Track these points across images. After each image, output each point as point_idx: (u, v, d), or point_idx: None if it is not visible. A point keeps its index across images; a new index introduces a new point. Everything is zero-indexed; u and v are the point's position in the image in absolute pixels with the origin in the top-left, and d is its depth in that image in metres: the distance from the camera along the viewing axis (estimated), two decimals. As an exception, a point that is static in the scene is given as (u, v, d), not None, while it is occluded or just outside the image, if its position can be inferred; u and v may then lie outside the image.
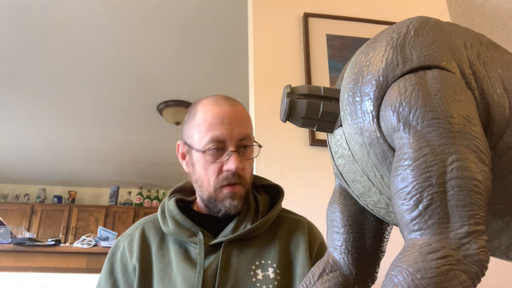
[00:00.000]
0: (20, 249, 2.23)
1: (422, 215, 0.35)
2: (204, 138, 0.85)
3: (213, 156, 0.85)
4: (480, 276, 0.33)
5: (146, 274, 0.86)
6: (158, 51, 2.80)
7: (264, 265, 0.85)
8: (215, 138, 0.84)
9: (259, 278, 0.83)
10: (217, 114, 0.86)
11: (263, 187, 1.00)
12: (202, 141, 0.86)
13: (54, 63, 2.93)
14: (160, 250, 0.88)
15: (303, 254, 0.87)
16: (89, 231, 5.14)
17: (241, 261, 0.84)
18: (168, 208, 0.92)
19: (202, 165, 0.87)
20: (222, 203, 0.87)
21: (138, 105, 3.51)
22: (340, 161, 0.49)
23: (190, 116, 0.91)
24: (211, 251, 0.85)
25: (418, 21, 0.47)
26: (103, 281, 0.88)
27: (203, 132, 0.86)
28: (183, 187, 1.00)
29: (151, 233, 0.91)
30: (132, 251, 0.88)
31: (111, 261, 0.90)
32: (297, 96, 0.49)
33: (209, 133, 0.85)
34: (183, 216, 0.88)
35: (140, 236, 0.90)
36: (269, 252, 0.87)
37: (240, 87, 2.90)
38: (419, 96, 0.39)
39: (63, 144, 4.35)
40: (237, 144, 0.86)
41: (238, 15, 2.38)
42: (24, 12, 2.42)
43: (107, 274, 0.89)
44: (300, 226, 0.93)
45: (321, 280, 0.52)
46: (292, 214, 0.98)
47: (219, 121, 0.85)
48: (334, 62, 1.62)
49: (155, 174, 5.25)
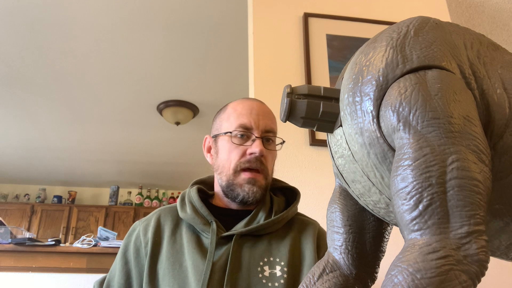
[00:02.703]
0: (20, 249, 2.23)
1: (422, 215, 0.35)
2: (233, 125, 0.91)
3: (239, 140, 0.91)
4: (480, 276, 0.33)
5: (155, 258, 0.88)
6: (158, 51, 2.80)
7: (272, 263, 0.86)
8: (243, 124, 0.90)
9: (265, 274, 0.84)
10: (247, 106, 0.94)
11: (280, 190, 1.02)
12: (231, 127, 0.92)
13: (54, 63, 2.93)
14: (173, 236, 0.90)
15: (311, 256, 0.88)
16: (89, 231, 5.14)
17: (250, 256, 0.86)
18: (188, 194, 0.95)
19: (227, 149, 0.92)
20: (241, 188, 0.90)
21: (138, 105, 3.51)
22: (340, 161, 0.49)
23: (221, 113, 0.98)
24: (223, 243, 0.87)
25: (418, 21, 0.47)
26: (118, 259, 0.92)
27: (232, 120, 0.92)
28: (205, 180, 1.03)
29: (167, 219, 0.93)
30: (146, 235, 0.91)
31: (126, 242, 0.94)
32: (297, 96, 0.49)
33: (238, 121, 0.91)
34: (201, 204, 0.91)
35: (156, 221, 0.93)
36: (278, 250, 0.88)
37: (240, 87, 2.91)
38: (419, 96, 0.39)
39: (63, 144, 4.35)
40: (262, 134, 0.91)
41: (238, 15, 2.38)
42: (24, 12, 2.42)
43: (121, 254, 0.92)
44: (311, 228, 0.95)
45: (321, 280, 0.52)
46: (306, 218, 1.00)
47: (248, 111, 0.92)
48: (334, 62, 1.61)
49: (155, 174, 5.25)
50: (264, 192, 0.92)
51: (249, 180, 0.89)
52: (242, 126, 0.90)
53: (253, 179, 0.89)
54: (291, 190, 1.01)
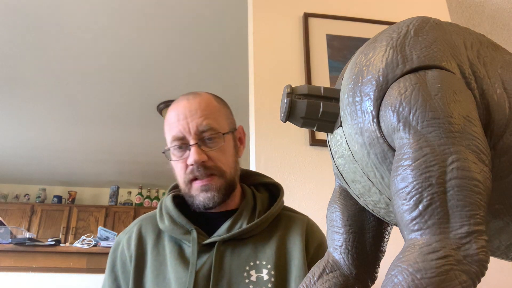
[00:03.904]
0: (20, 249, 2.23)
1: (422, 215, 0.35)
2: (168, 139, 0.88)
3: (177, 154, 0.87)
4: (480, 276, 0.33)
5: (140, 271, 0.86)
6: (158, 51, 2.80)
7: (259, 266, 0.83)
8: (175, 136, 0.86)
9: (252, 279, 0.81)
10: (173, 112, 0.88)
11: (263, 185, 0.98)
12: (168, 142, 0.88)
13: (54, 63, 2.93)
14: (156, 247, 0.87)
15: (299, 255, 0.85)
16: (89, 231, 5.14)
17: (234, 262, 0.83)
18: (165, 204, 0.92)
19: (174, 165, 0.89)
20: (198, 197, 0.86)
21: (138, 105, 3.51)
22: (340, 161, 0.49)
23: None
24: (205, 251, 0.84)
25: (418, 21, 0.47)
26: (107, 277, 0.90)
27: (167, 134, 0.88)
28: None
29: (148, 230, 0.91)
30: (130, 249, 0.89)
31: (112, 257, 0.92)
32: (297, 96, 0.49)
33: (170, 133, 0.87)
34: (178, 213, 0.88)
35: (137, 233, 0.90)
36: (264, 253, 0.85)
37: (240, 87, 2.90)
38: (419, 96, 0.39)
39: (63, 144, 4.35)
40: (197, 136, 0.85)
41: (238, 15, 2.38)
42: (24, 12, 2.42)
43: (109, 270, 0.90)
44: (298, 224, 0.91)
45: (321, 280, 0.52)
46: (293, 212, 0.96)
47: (175, 119, 0.86)
48: (334, 62, 1.61)
49: (155, 174, 5.25)
50: (226, 191, 0.87)
51: (201, 188, 0.85)
52: (174, 138, 0.86)
53: (205, 185, 0.85)
54: (275, 186, 0.97)
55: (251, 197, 0.92)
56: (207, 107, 0.88)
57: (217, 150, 0.86)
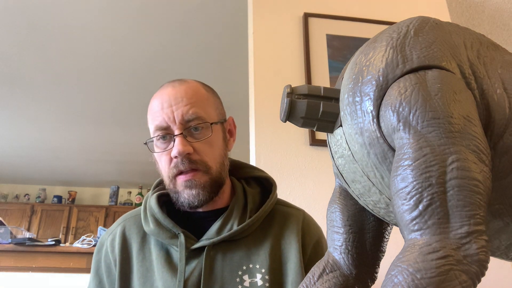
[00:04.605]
0: (20, 249, 2.23)
1: (422, 215, 0.35)
2: (151, 129, 0.79)
3: (161, 146, 0.79)
4: (480, 276, 0.33)
5: (127, 277, 0.79)
6: (157, 50, 2.80)
7: (252, 270, 0.77)
8: (158, 126, 0.77)
9: (245, 285, 0.75)
10: (157, 101, 0.79)
11: (255, 179, 0.91)
12: (151, 132, 0.80)
13: (54, 63, 2.93)
14: (142, 252, 0.81)
15: (295, 257, 0.79)
16: (89, 231, 5.15)
17: (226, 267, 0.77)
18: (149, 205, 0.84)
19: (157, 157, 0.81)
20: (182, 194, 0.78)
21: (138, 105, 3.51)
22: (340, 161, 0.49)
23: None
24: (194, 255, 0.78)
25: (418, 21, 0.47)
26: (91, 279, 0.85)
27: (150, 123, 0.80)
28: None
29: (132, 232, 0.83)
30: (114, 252, 0.82)
31: (97, 258, 0.85)
32: (297, 96, 0.49)
33: (154, 123, 0.78)
34: (164, 215, 0.80)
35: (121, 235, 0.83)
36: (258, 255, 0.79)
37: (240, 87, 2.90)
38: (419, 96, 0.39)
39: (63, 144, 4.35)
40: (183, 126, 0.77)
41: (238, 15, 2.38)
42: (24, 12, 2.42)
43: (94, 272, 0.84)
44: (294, 222, 0.85)
45: (321, 280, 0.52)
46: (287, 207, 0.89)
47: (159, 107, 0.78)
48: (334, 62, 1.62)
49: (155, 174, 5.20)
50: (212, 188, 0.79)
51: (185, 184, 0.77)
52: (158, 128, 0.77)
53: (189, 181, 0.77)
54: (267, 179, 0.90)
55: (241, 193, 0.85)
56: (194, 95, 0.80)
57: (204, 142, 0.78)
